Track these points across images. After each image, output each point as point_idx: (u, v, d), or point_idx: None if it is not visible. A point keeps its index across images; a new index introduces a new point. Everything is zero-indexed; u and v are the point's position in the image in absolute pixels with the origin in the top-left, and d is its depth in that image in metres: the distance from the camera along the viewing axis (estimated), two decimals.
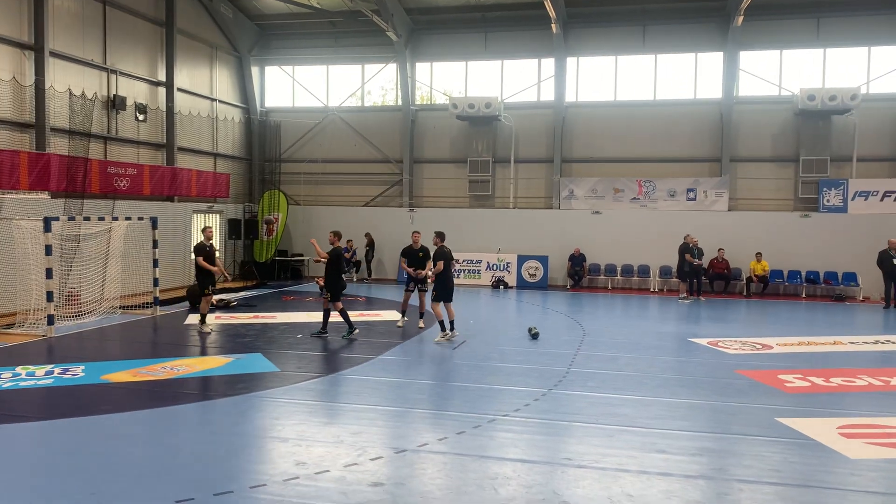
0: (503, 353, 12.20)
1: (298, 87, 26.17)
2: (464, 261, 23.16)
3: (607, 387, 9.83)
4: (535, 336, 13.55)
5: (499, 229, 23.57)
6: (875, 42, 21.79)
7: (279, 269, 24.48)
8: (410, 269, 13.99)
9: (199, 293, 14.33)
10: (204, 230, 14.62)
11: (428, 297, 13.86)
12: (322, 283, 13.58)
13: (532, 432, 7.81)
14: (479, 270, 23.47)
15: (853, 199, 21.24)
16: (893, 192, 21.00)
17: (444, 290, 13.15)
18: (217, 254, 14.79)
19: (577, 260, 22.58)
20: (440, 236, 13.55)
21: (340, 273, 13.43)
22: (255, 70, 25.78)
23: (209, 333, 13.69)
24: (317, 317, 15.67)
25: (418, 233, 14.47)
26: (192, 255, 15.29)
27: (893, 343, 13.71)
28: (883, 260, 18.94)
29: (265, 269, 23.84)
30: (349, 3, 21.45)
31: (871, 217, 20.88)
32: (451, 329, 13.20)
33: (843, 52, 22.11)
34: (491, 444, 7.39)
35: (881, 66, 21.83)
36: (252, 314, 16.34)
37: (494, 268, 23.37)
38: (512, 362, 11.39)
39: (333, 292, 13.27)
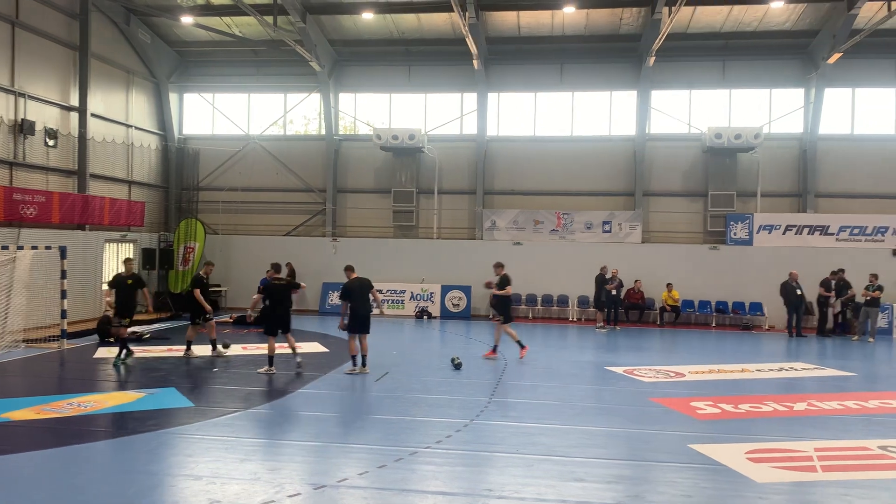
0: (426, 383, 12.18)
1: (218, 114, 25.72)
2: (388, 291, 23.16)
3: (528, 416, 9.94)
4: (457, 366, 13.60)
5: (423, 259, 23.65)
6: (776, 85, 23.22)
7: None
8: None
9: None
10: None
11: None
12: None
13: (453, 464, 7.81)
14: (402, 301, 23.43)
15: (758, 232, 22.36)
16: (795, 226, 22.23)
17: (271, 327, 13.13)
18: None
19: None
20: (274, 268, 13.61)
21: (127, 297, 13.82)
22: (173, 97, 25.21)
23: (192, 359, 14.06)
24: (233, 350, 15.35)
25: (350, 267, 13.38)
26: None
27: (797, 370, 14.42)
28: (787, 291, 19.94)
29: (180, 300, 23.09)
30: (272, 32, 21.33)
31: (774, 250, 22.01)
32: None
33: (747, 93, 23.44)
34: (412, 477, 7.34)
35: (781, 108, 23.24)
36: (166, 347, 15.81)
37: (418, 298, 23.38)
38: (435, 393, 11.39)
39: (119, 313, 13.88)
